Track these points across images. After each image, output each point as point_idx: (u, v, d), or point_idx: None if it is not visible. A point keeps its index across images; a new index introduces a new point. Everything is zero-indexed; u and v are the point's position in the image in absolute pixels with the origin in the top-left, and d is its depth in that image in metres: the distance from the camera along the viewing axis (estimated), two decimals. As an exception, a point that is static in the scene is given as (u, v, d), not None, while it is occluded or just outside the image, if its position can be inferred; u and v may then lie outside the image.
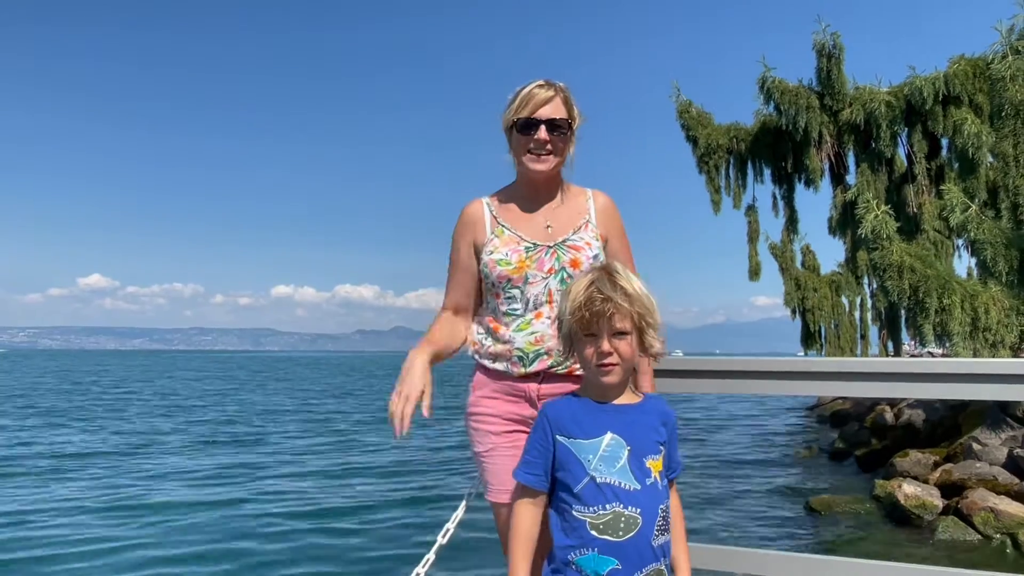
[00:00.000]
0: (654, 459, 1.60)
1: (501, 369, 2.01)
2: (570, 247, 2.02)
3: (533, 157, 2.03)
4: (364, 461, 13.94)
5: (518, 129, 2.03)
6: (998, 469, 8.43)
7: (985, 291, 9.48)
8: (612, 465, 1.56)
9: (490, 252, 2.04)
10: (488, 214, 2.11)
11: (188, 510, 9.38)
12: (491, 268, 2.02)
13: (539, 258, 2.01)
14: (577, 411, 1.64)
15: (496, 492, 2.03)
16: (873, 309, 19.92)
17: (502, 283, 2.01)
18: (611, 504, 1.53)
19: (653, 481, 1.58)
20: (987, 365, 2.04)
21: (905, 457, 10.06)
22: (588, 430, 1.60)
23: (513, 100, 2.06)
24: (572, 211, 2.10)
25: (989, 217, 10.23)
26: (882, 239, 9.65)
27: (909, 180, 13.81)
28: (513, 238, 2.05)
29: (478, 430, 2.07)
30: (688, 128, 15.37)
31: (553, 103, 2.03)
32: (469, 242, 2.11)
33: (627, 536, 1.52)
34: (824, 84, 13.71)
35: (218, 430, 19.45)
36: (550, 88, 2.04)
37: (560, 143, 2.04)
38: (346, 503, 9.99)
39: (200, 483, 11.44)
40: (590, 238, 2.05)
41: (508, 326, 2.02)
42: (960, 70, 12.81)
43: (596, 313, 1.58)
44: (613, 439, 1.59)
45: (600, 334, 1.59)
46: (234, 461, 13.78)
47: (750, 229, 15.37)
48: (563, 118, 2.03)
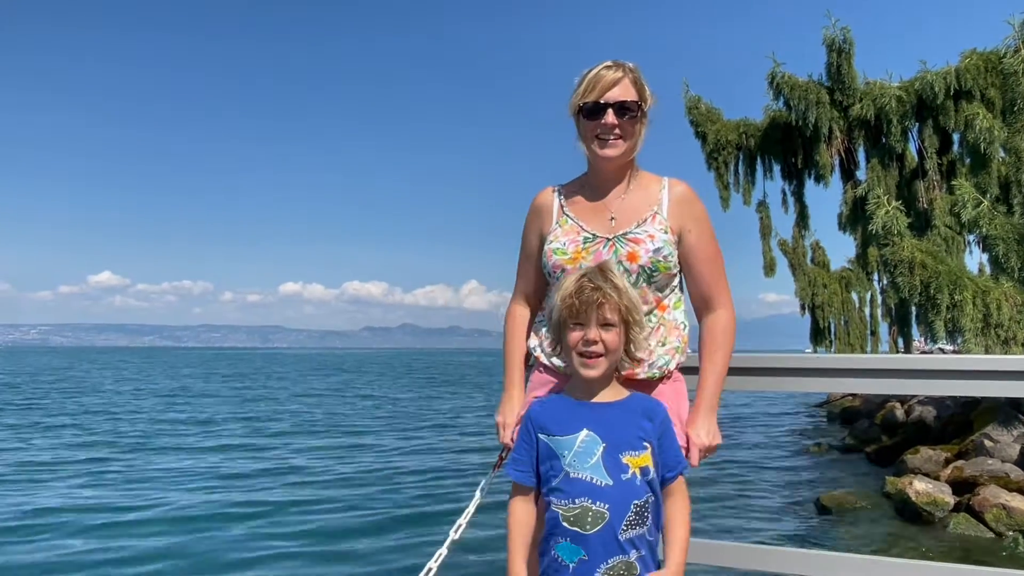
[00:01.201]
0: (633, 455, 1.62)
1: (557, 364, 1.96)
2: (630, 240, 1.93)
3: (601, 143, 1.95)
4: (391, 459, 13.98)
5: (585, 114, 1.95)
6: (1010, 466, 8.39)
7: (997, 287, 9.42)
8: (586, 461, 1.62)
9: (550, 242, 2.00)
10: (557, 203, 2.06)
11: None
12: (548, 257, 1.99)
13: (596, 250, 1.94)
14: (559, 409, 1.71)
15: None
16: (883, 305, 19.81)
17: (556, 273, 1.96)
18: (580, 499, 1.60)
19: (629, 477, 1.61)
20: (999, 362, 2.03)
21: (916, 454, 10.03)
22: (566, 427, 1.67)
23: (580, 83, 1.96)
24: (641, 202, 2.01)
25: (1001, 212, 10.16)
26: (893, 235, 9.60)
27: (920, 176, 13.71)
28: (574, 228, 1.99)
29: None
30: (697, 124, 15.29)
31: (622, 84, 1.93)
32: (536, 231, 2.08)
33: (594, 530, 1.58)
34: (834, 79, 13.62)
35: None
36: (618, 69, 1.94)
37: (630, 127, 1.94)
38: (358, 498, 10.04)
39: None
40: (655, 230, 1.94)
41: None
42: (972, 64, 12.69)
43: (585, 302, 1.64)
44: (588, 435, 1.64)
45: (588, 323, 1.64)
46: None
47: (762, 225, 15.31)
48: (633, 100, 1.93)
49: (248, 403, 27.96)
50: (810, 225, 15.74)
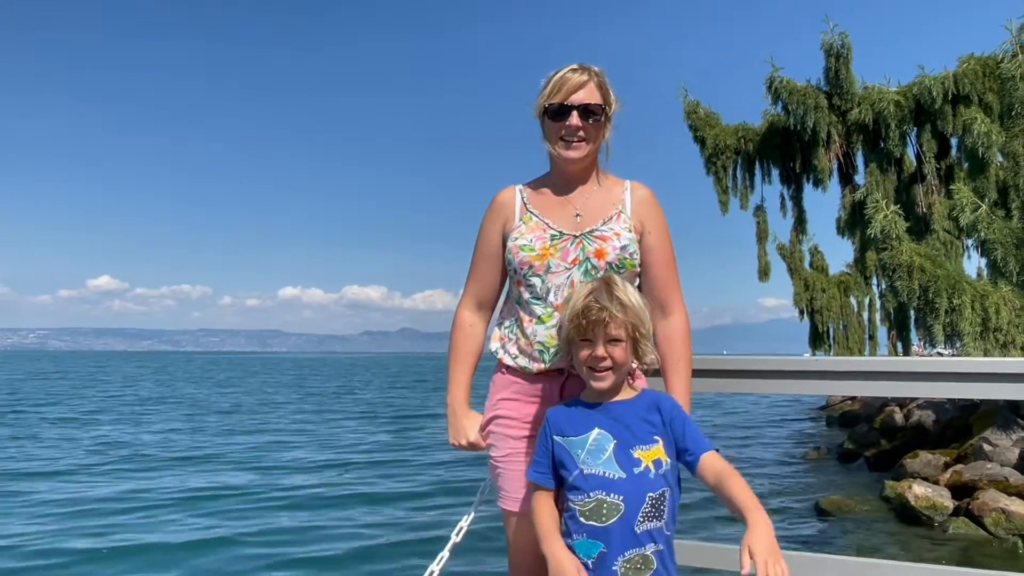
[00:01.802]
0: (644, 449, 1.70)
1: (522, 365, 1.96)
2: (597, 237, 1.94)
3: (565, 144, 1.97)
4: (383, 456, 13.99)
5: (550, 115, 1.96)
6: (1009, 470, 8.39)
7: (996, 291, 9.43)
8: (598, 457, 1.70)
9: (515, 238, 1.99)
10: (519, 200, 2.06)
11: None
12: (514, 254, 1.97)
13: (564, 247, 1.94)
14: (573, 413, 1.79)
15: (510, 500, 1.98)
16: (882, 310, 19.83)
17: (524, 270, 1.96)
18: (594, 492, 1.67)
19: (642, 470, 1.67)
20: (998, 364, 2.04)
21: (915, 458, 10.03)
22: (578, 428, 1.75)
23: (545, 85, 1.98)
24: (605, 201, 2.02)
25: (1000, 217, 10.18)
26: (892, 239, 9.61)
27: (918, 180, 13.74)
28: (540, 225, 1.99)
29: (496, 433, 2.01)
30: (696, 128, 15.32)
31: (587, 88, 1.95)
32: (498, 228, 2.05)
33: (610, 521, 1.64)
34: (832, 84, 13.66)
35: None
36: (584, 72, 1.96)
37: (593, 130, 1.96)
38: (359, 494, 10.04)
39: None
40: (620, 229, 1.96)
41: (531, 318, 1.96)
42: (969, 69, 12.73)
43: (592, 321, 1.70)
44: (599, 434, 1.72)
45: (596, 340, 1.71)
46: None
47: (759, 229, 15.33)
48: (597, 103, 1.95)
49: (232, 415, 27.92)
50: (808, 229, 15.78)
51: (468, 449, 2.06)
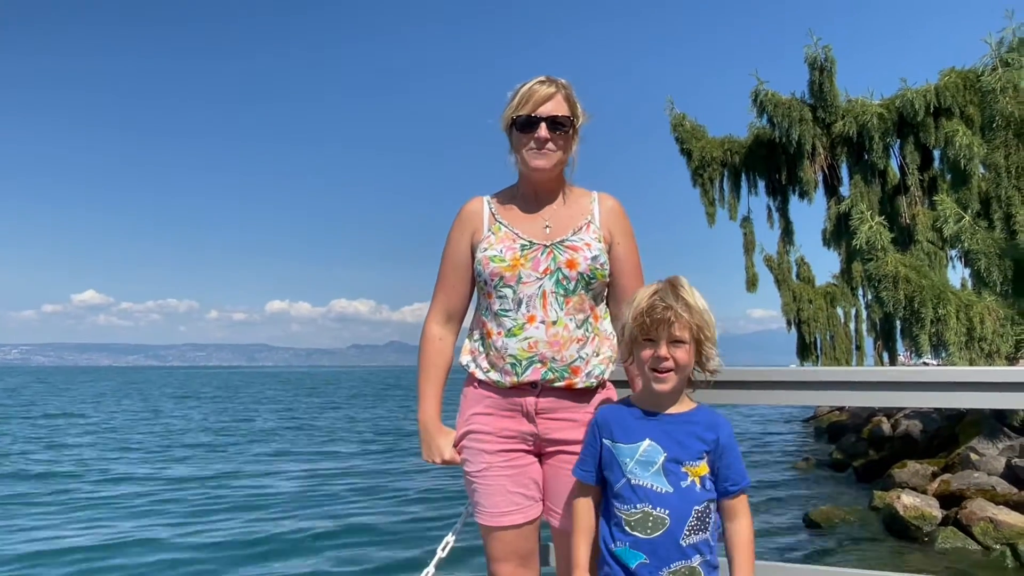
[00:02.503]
0: (693, 465, 1.68)
1: (495, 379, 1.94)
2: (568, 247, 1.94)
3: (535, 152, 1.96)
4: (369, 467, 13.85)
5: (518, 127, 1.96)
6: (996, 479, 8.43)
7: (980, 301, 9.50)
8: (647, 469, 1.68)
9: (484, 249, 1.97)
10: (487, 211, 2.04)
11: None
12: (484, 265, 1.95)
13: (534, 257, 1.93)
14: (625, 417, 1.76)
15: (488, 515, 1.94)
16: (868, 320, 19.97)
17: (494, 281, 1.94)
18: (641, 504, 1.66)
19: (689, 484, 1.66)
20: (984, 373, 2.04)
21: (903, 468, 10.06)
22: (630, 435, 1.72)
23: (513, 97, 1.98)
24: (574, 212, 2.02)
25: (982, 227, 10.28)
26: (877, 250, 9.69)
27: (902, 191, 13.88)
28: (509, 235, 1.98)
29: (471, 448, 1.98)
30: (682, 141, 15.43)
31: (555, 100, 1.95)
32: (467, 239, 2.03)
33: (655, 534, 1.64)
34: (816, 97, 13.81)
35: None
36: (551, 84, 1.96)
37: (561, 141, 1.96)
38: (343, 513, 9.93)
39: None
40: (591, 239, 1.96)
41: (500, 330, 1.93)
42: (951, 82, 12.92)
43: (657, 320, 1.67)
44: (650, 445, 1.69)
45: (659, 340, 1.68)
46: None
47: (746, 241, 15.43)
48: (565, 115, 1.95)
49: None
50: (795, 240, 15.88)
51: (443, 465, 2.04)
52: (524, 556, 1.96)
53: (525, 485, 1.95)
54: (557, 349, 1.90)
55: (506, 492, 1.93)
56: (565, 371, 1.90)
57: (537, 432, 1.95)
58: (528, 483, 1.96)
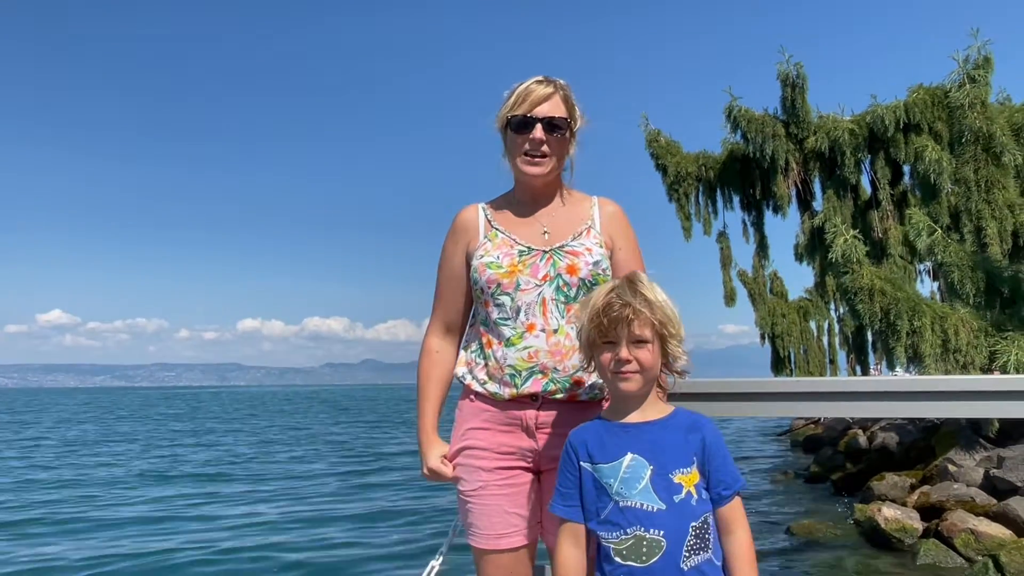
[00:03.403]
0: (684, 472, 1.50)
1: (492, 391, 1.85)
2: (568, 252, 1.86)
3: (528, 160, 1.88)
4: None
5: (513, 127, 1.88)
6: (975, 490, 8.47)
7: (954, 313, 9.61)
8: (633, 487, 1.50)
9: (481, 256, 1.89)
10: (483, 218, 1.96)
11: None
12: (480, 272, 1.87)
13: (533, 263, 1.85)
14: (600, 435, 1.58)
15: (484, 537, 1.84)
16: (840, 334, 20.21)
17: (491, 288, 1.85)
18: (632, 528, 1.47)
19: (684, 497, 1.48)
20: (961, 382, 2.02)
21: (882, 480, 10.09)
22: (609, 453, 1.54)
23: (508, 96, 1.90)
24: (573, 216, 1.95)
25: (954, 240, 10.43)
26: (852, 263, 9.76)
27: (874, 206, 14.09)
28: (506, 241, 1.90)
29: (467, 466, 1.88)
30: (657, 157, 15.54)
31: (552, 101, 1.87)
32: (462, 249, 1.96)
33: (651, 561, 1.45)
34: (789, 113, 14.01)
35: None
36: (549, 84, 1.88)
37: (558, 145, 1.88)
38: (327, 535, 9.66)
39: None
40: (591, 244, 1.88)
41: (499, 340, 1.85)
42: (919, 99, 13.18)
43: (614, 319, 1.52)
44: (634, 459, 1.52)
45: (619, 341, 1.53)
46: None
47: (723, 256, 15.55)
48: (562, 117, 1.87)
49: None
50: (770, 255, 16.03)
51: (432, 479, 1.93)
52: None
53: (523, 505, 1.85)
54: (559, 359, 1.81)
55: (503, 513, 1.83)
56: (567, 382, 1.82)
57: (537, 448, 1.85)
58: (525, 503, 1.86)
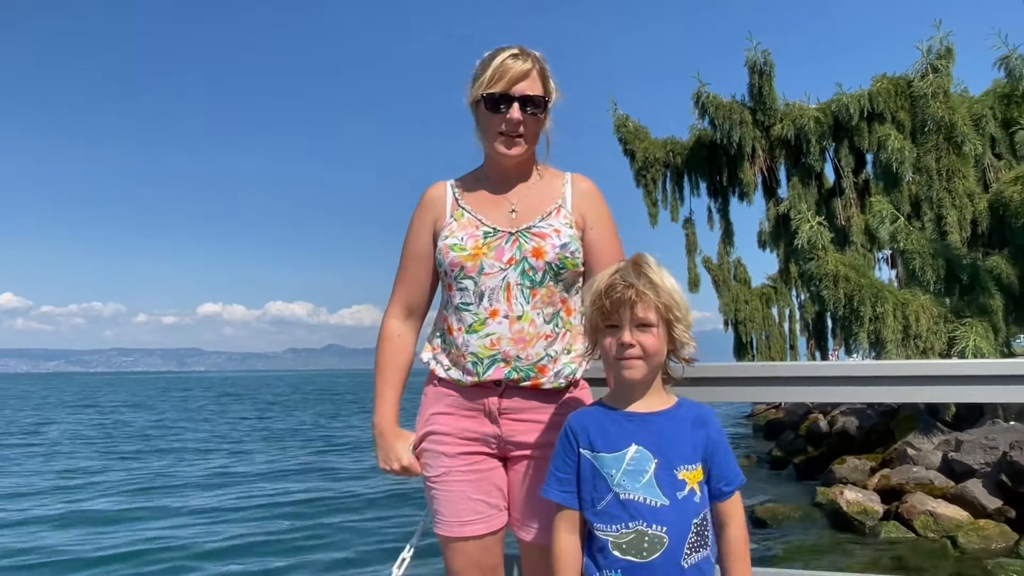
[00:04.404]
0: (689, 469, 1.45)
1: (455, 377, 1.78)
2: (534, 234, 1.77)
3: (505, 140, 1.78)
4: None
5: (487, 105, 1.77)
6: (934, 473, 8.66)
7: (915, 299, 9.78)
8: (637, 480, 1.44)
9: (445, 237, 1.80)
10: (451, 196, 1.87)
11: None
12: (444, 254, 1.79)
13: (498, 246, 1.76)
14: (603, 421, 1.50)
15: (448, 524, 1.78)
16: (801, 320, 20.56)
17: (454, 272, 1.77)
18: (634, 522, 1.42)
19: (687, 494, 1.43)
20: (924, 367, 1.99)
21: (843, 464, 10.27)
22: (613, 443, 1.47)
23: (482, 71, 1.78)
24: (544, 195, 1.86)
25: (916, 228, 10.61)
26: (818, 249, 9.86)
27: (837, 194, 14.27)
28: (472, 222, 1.81)
29: (430, 451, 1.82)
30: (625, 142, 15.52)
31: (530, 77, 1.76)
32: (429, 227, 1.87)
33: (652, 557, 1.40)
34: (756, 100, 14.06)
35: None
36: (526, 58, 1.77)
37: (534, 124, 1.79)
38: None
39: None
40: (560, 225, 1.80)
41: (461, 326, 1.77)
42: (883, 88, 13.34)
43: (617, 301, 1.45)
44: (638, 452, 1.45)
45: (622, 324, 1.46)
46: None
47: (688, 242, 15.63)
48: (539, 95, 1.77)
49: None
50: (736, 242, 16.16)
51: (402, 474, 1.85)
52: (487, 570, 1.80)
53: (488, 492, 1.79)
54: (522, 347, 1.74)
55: (467, 499, 1.77)
56: (531, 370, 1.75)
57: (500, 434, 1.78)
58: (491, 490, 1.79)
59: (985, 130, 11.74)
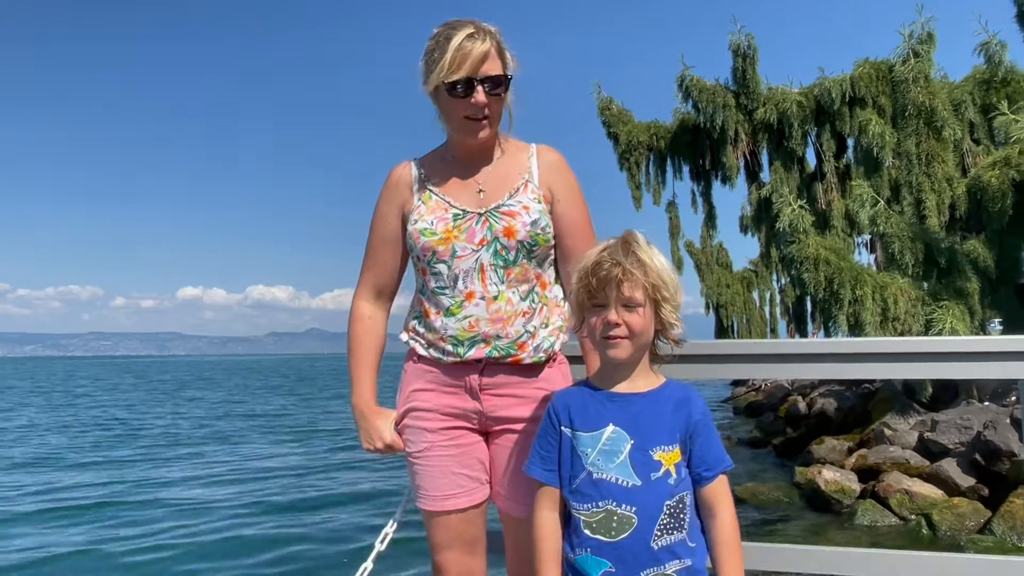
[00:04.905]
0: (665, 450, 1.44)
1: (436, 356, 1.79)
2: (504, 213, 1.76)
3: (471, 125, 1.74)
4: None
5: (450, 92, 1.72)
6: (910, 452, 8.82)
7: (893, 282, 9.90)
8: (611, 460, 1.44)
9: (415, 221, 1.79)
10: (416, 177, 1.85)
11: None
12: (415, 239, 1.78)
13: (469, 227, 1.75)
14: (585, 401, 1.52)
15: (431, 498, 1.80)
16: (781, 304, 20.77)
17: (427, 256, 1.77)
18: (603, 502, 1.43)
19: (661, 476, 1.43)
20: (905, 344, 2.05)
21: (821, 444, 10.42)
22: (591, 422, 1.48)
23: (439, 55, 1.71)
24: (510, 171, 1.83)
25: (895, 212, 10.72)
26: (799, 232, 9.94)
27: (818, 178, 14.38)
28: (440, 204, 1.79)
29: (412, 427, 1.82)
30: (609, 125, 15.50)
31: (490, 58, 1.71)
32: (396, 209, 1.85)
33: (620, 537, 1.40)
34: (740, 84, 14.09)
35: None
36: (483, 37, 1.71)
37: (497, 104, 1.76)
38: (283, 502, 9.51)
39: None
40: (529, 201, 1.78)
41: (438, 310, 1.77)
42: (865, 73, 13.43)
43: (603, 279, 1.44)
44: (615, 432, 1.46)
45: (608, 303, 1.45)
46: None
47: (671, 225, 15.69)
48: (500, 74, 1.74)
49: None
50: (718, 225, 16.23)
51: (386, 452, 1.85)
52: (470, 542, 1.82)
53: (470, 466, 1.80)
54: (501, 326, 1.74)
55: (450, 473, 1.79)
56: (511, 348, 1.75)
57: (482, 409, 1.79)
58: (473, 463, 1.81)
59: (964, 115, 11.85)
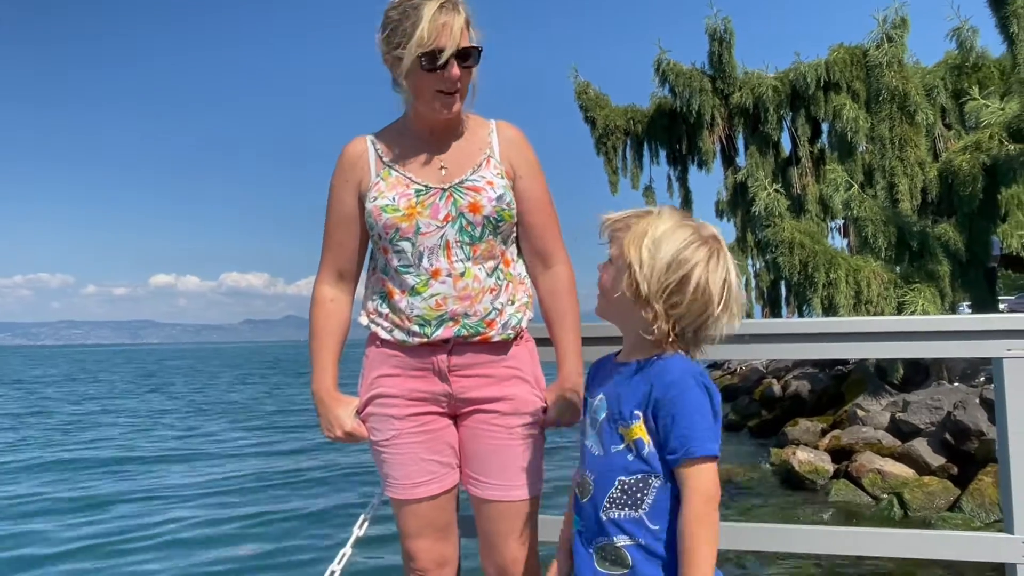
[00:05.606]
0: (627, 424, 1.38)
1: (400, 339, 1.73)
2: (469, 188, 1.72)
3: (444, 99, 1.69)
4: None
5: (425, 66, 1.65)
6: (882, 433, 8.97)
7: (867, 265, 10.02)
8: (593, 427, 1.47)
9: (374, 198, 1.73)
10: (373, 154, 1.79)
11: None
12: (376, 217, 1.71)
13: (432, 203, 1.71)
14: (602, 368, 1.54)
15: (400, 487, 1.75)
16: (756, 288, 20.96)
17: (389, 234, 1.71)
18: (581, 465, 1.49)
19: (621, 450, 1.38)
20: (870, 324, 2.10)
21: (795, 426, 10.57)
22: (592, 389, 1.52)
23: (411, 27, 1.63)
24: (471, 147, 1.79)
25: (869, 196, 10.84)
26: (775, 216, 10.01)
27: (793, 163, 14.47)
28: (401, 180, 1.74)
29: (377, 415, 1.77)
30: (586, 109, 15.44)
31: (462, 30, 1.66)
32: (353, 188, 1.78)
33: (584, 499, 1.44)
34: (716, 68, 14.10)
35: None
36: (454, 9, 1.65)
37: (468, 77, 1.71)
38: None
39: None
40: (492, 176, 1.75)
41: (403, 289, 1.72)
42: (839, 58, 13.49)
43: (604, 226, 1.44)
44: (601, 400, 1.45)
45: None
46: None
47: (647, 210, 15.70)
48: (474, 47, 1.69)
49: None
50: (694, 210, 16.28)
51: (346, 440, 1.81)
52: (441, 529, 1.79)
53: (440, 451, 1.77)
54: (469, 303, 1.71)
55: (419, 460, 1.75)
56: (480, 325, 1.72)
57: (451, 392, 1.75)
58: (443, 448, 1.77)
59: (936, 100, 11.98)
